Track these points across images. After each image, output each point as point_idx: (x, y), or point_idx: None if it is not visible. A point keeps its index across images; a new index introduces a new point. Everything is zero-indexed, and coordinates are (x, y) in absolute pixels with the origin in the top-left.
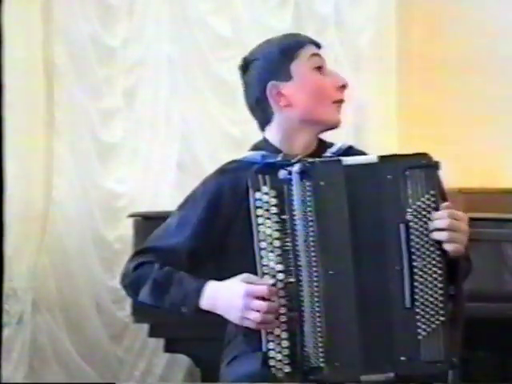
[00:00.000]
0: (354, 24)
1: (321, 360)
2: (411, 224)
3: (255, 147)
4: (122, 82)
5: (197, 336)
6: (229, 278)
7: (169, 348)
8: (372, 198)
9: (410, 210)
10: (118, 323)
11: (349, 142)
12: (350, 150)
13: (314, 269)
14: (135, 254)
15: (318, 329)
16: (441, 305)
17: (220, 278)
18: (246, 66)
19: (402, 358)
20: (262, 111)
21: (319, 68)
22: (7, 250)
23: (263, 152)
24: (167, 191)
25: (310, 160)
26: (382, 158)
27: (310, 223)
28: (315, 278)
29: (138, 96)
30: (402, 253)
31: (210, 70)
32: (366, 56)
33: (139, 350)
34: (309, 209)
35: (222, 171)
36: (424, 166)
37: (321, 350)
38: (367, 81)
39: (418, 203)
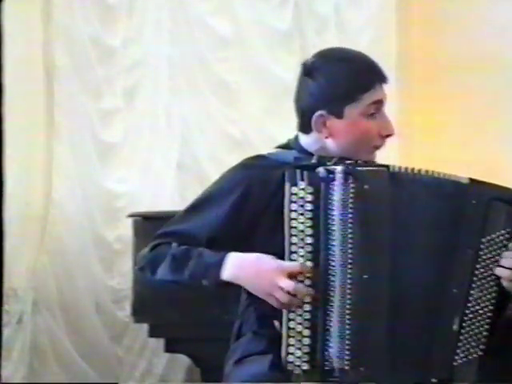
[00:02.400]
0: (354, 24)
1: (346, 363)
2: (480, 253)
3: (285, 146)
4: (121, 82)
5: (197, 336)
6: None
7: (169, 348)
8: (428, 213)
9: (483, 239)
10: (118, 323)
11: None
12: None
13: (349, 271)
14: (152, 239)
15: (347, 331)
16: (483, 339)
17: None
18: (308, 72)
19: (433, 380)
20: (303, 123)
21: (373, 113)
22: (7, 250)
23: (295, 153)
24: (167, 191)
25: (352, 162)
26: (472, 181)
27: (349, 224)
28: (348, 281)
29: (138, 96)
30: (465, 278)
31: (210, 70)
32: None
33: (139, 350)
34: (349, 210)
35: (250, 166)
36: (510, 201)
37: (347, 352)
38: None
39: (493, 235)
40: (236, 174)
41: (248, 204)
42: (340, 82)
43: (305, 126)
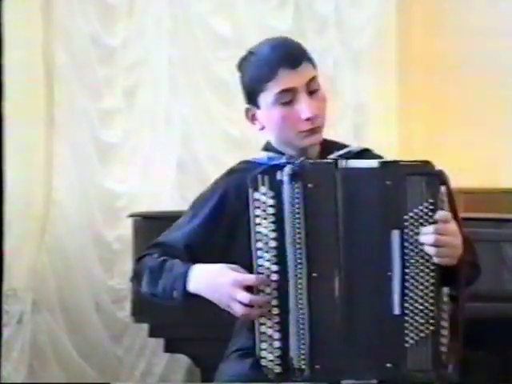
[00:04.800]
0: (354, 24)
1: (302, 362)
2: (406, 231)
3: (264, 148)
4: (121, 82)
5: (197, 336)
6: None
7: (169, 348)
8: (369, 203)
9: (406, 216)
10: (117, 323)
11: (348, 142)
12: (364, 154)
13: (299, 271)
14: (144, 250)
15: (301, 331)
16: (431, 314)
17: None
18: (238, 69)
19: (388, 365)
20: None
21: (288, 101)
22: (7, 250)
23: (270, 153)
24: (167, 191)
25: (301, 162)
26: (384, 163)
27: (298, 225)
28: (299, 281)
29: (138, 96)
30: (394, 259)
31: (210, 70)
32: (366, 56)
33: (139, 350)
34: (297, 210)
35: (231, 171)
36: (425, 173)
37: (302, 352)
38: (367, 81)
39: (416, 211)
40: (217, 180)
41: (224, 210)
42: (247, 73)
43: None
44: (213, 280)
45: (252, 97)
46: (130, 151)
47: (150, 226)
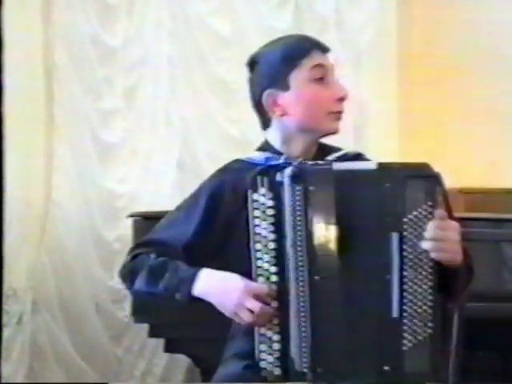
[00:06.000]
0: (354, 24)
1: (304, 365)
2: (405, 234)
3: (260, 148)
4: (121, 81)
5: (197, 336)
6: None
7: (169, 348)
8: (368, 205)
9: (405, 219)
10: (117, 323)
11: (348, 142)
12: (358, 158)
13: (301, 273)
14: (134, 247)
15: (303, 334)
16: (429, 317)
17: None
18: (250, 66)
19: (386, 368)
20: (260, 114)
21: (320, 79)
22: (7, 250)
23: (267, 154)
24: (167, 191)
25: (301, 163)
26: (382, 165)
27: (299, 227)
28: (301, 283)
29: (138, 96)
30: (393, 262)
31: (209, 70)
32: (366, 56)
33: (139, 350)
34: (298, 213)
35: (225, 170)
36: (424, 176)
37: (304, 354)
38: (367, 81)
39: (415, 213)
40: (211, 179)
41: (219, 209)
42: (277, 55)
43: (264, 120)
44: (222, 286)
45: (280, 77)
46: (130, 151)
47: (149, 226)
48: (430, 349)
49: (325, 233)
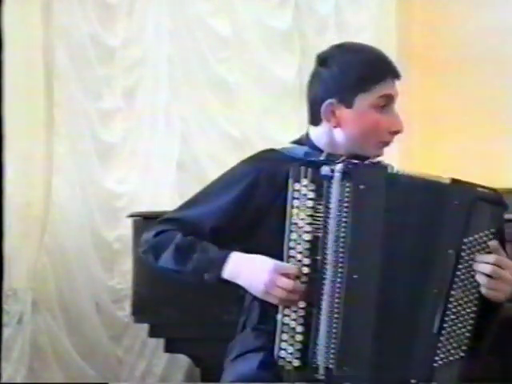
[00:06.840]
0: (354, 24)
1: (331, 361)
2: (463, 254)
3: (298, 141)
4: (121, 82)
5: (197, 336)
6: None
7: (169, 348)
8: (420, 215)
9: (466, 240)
10: (117, 323)
11: None
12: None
13: (340, 270)
14: (158, 223)
15: (334, 330)
16: (466, 340)
17: None
18: (322, 63)
19: (413, 382)
20: (313, 113)
21: (383, 106)
22: (7, 250)
23: (306, 148)
24: (167, 191)
25: (354, 162)
26: (454, 181)
27: (344, 224)
28: (339, 280)
29: (138, 96)
30: (445, 278)
31: (209, 70)
32: None
33: (139, 350)
34: (344, 209)
35: (261, 158)
36: (494, 202)
37: (332, 351)
38: None
39: (476, 236)
40: (245, 165)
41: (254, 196)
42: (353, 70)
43: (315, 117)
44: (252, 267)
45: (347, 94)
46: (130, 151)
47: (149, 226)
48: (459, 371)
49: (369, 233)
